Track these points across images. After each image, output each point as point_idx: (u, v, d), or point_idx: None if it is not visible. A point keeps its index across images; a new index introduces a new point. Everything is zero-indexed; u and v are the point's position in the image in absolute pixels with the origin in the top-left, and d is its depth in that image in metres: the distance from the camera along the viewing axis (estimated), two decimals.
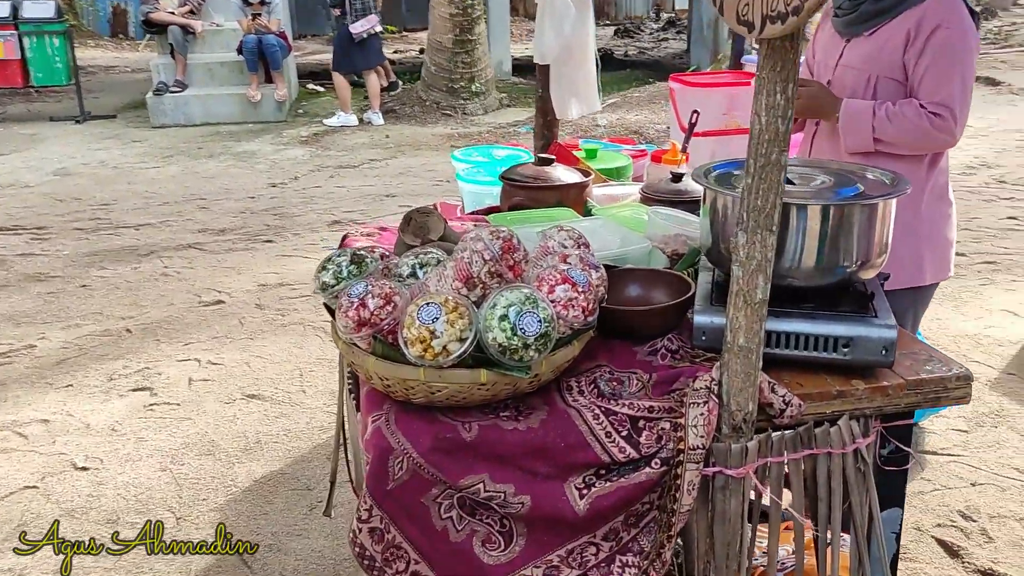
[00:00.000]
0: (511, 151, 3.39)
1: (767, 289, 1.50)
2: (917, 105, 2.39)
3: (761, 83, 1.41)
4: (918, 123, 2.38)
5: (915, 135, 2.40)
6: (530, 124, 9.79)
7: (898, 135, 2.41)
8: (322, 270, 1.66)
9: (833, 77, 2.61)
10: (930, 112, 2.38)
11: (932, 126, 2.37)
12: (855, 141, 2.49)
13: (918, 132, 2.39)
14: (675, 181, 2.58)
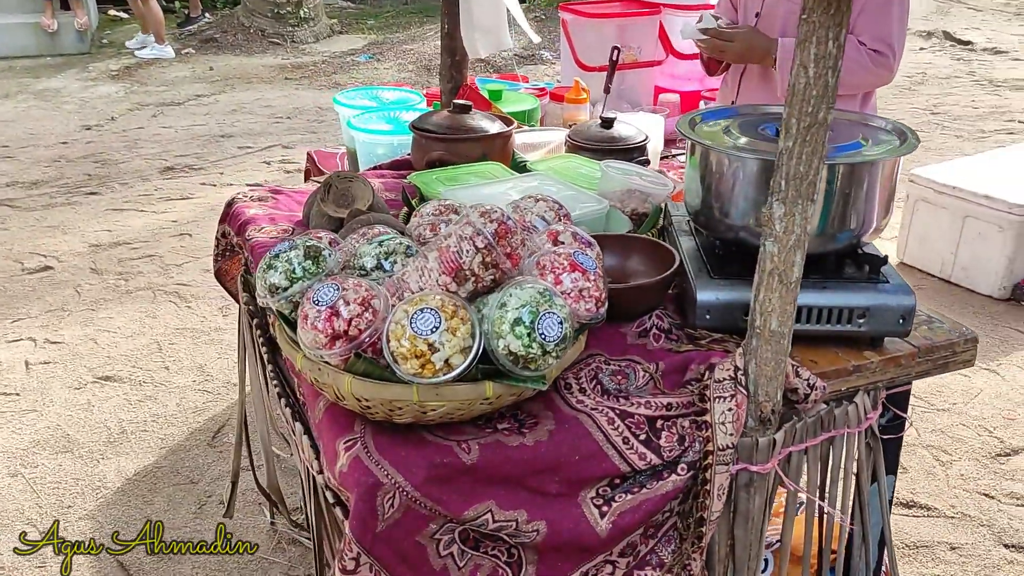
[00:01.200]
0: (401, 93, 3.05)
1: (802, 266, 1.32)
2: (856, 42, 2.27)
3: (810, 29, 1.20)
4: (858, 60, 2.27)
5: (855, 73, 2.28)
6: (369, 53, 9.26)
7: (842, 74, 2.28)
8: (268, 269, 1.32)
9: (762, 10, 2.46)
10: (870, 49, 2.27)
11: (872, 63, 2.27)
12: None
13: (858, 70, 2.28)
14: (605, 126, 2.36)
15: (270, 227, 2.12)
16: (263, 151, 6.33)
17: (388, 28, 10.38)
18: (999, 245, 3.89)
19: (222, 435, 3.19)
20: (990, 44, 9.15)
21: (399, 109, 2.82)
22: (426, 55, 8.92)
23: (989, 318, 3.83)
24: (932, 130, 6.45)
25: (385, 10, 11.47)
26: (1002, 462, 2.93)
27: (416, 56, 8.95)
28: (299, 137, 6.61)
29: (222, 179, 5.80)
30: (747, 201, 1.53)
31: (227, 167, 6.03)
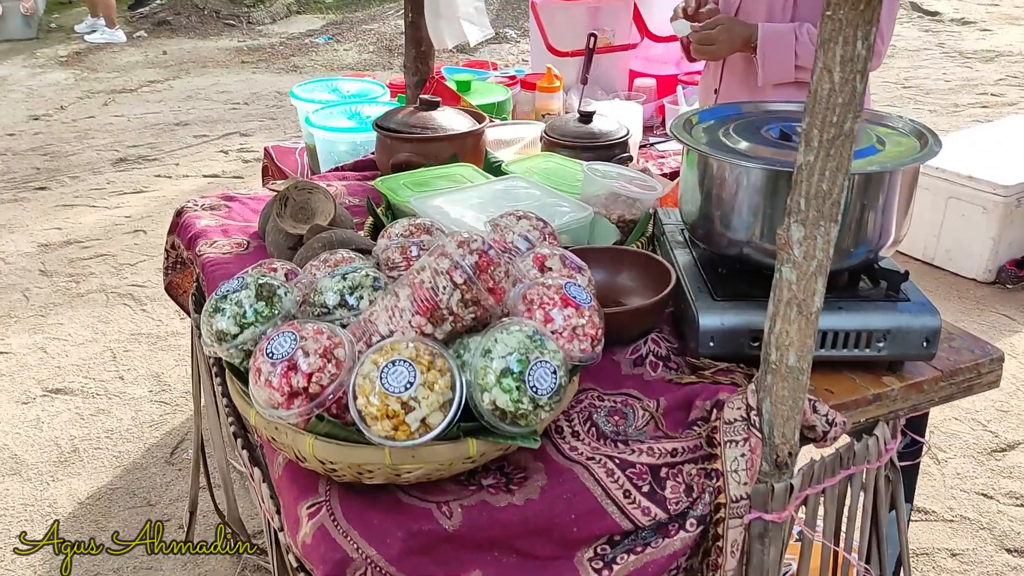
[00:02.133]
0: (362, 83, 2.85)
1: (823, 295, 1.17)
2: None
3: (836, 27, 1.04)
4: None
5: None
6: (328, 34, 8.97)
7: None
8: (215, 312, 1.14)
9: None
10: None
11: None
12: (775, 70, 2.20)
13: None
14: (583, 121, 2.20)
15: (223, 240, 1.94)
16: (220, 139, 6.08)
17: (347, 8, 10.07)
18: (983, 227, 3.78)
19: (181, 451, 3.00)
20: (957, 14, 9.08)
21: (361, 102, 2.63)
22: (387, 35, 8.66)
23: (974, 303, 3.73)
24: (905, 105, 6.36)
25: None
26: (998, 458, 2.83)
27: (377, 36, 8.68)
28: (258, 124, 6.36)
29: (178, 170, 5.55)
30: (752, 214, 1.38)
31: (183, 157, 5.77)
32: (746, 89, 2.30)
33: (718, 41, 2.21)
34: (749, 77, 2.31)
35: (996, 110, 6.07)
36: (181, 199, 5.27)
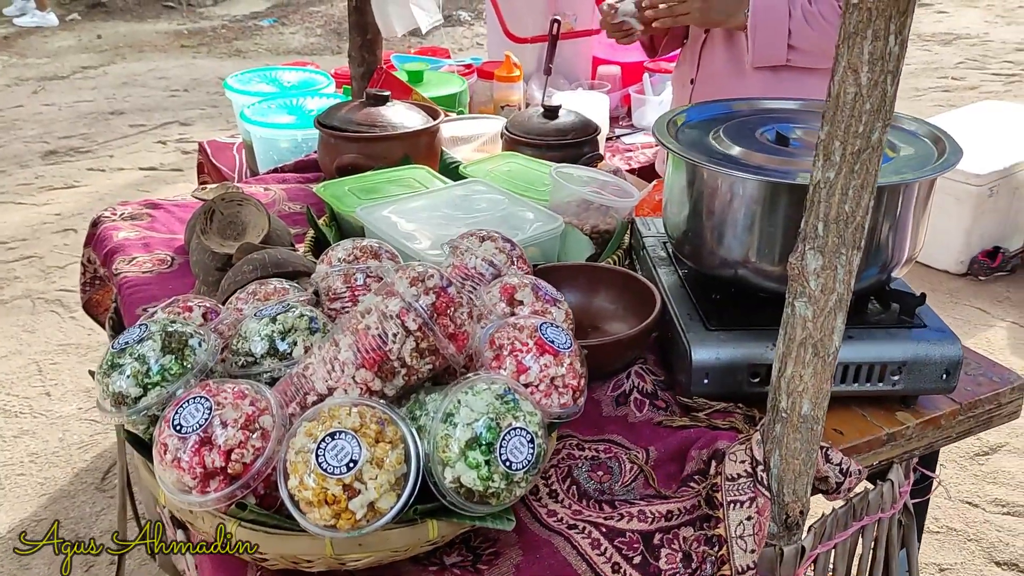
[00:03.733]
0: (304, 73, 2.62)
1: (843, 333, 0.99)
2: (835, 4, 1.92)
3: (862, 19, 0.86)
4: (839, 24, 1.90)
5: (835, 39, 1.92)
6: (273, 16, 8.62)
7: (818, 42, 1.94)
8: (112, 370, 0.93)
9: None
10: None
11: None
12: (765, 51, 1.97)
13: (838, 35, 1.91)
14: (548, 116, 2.00)
15: (143, 257, 1.71)
16: (158, 129, 5.76)
17: None
18: (956, 218, 3.68)
19: (113, 475, 2.76)
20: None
21: (302, 95, 2.40)
22: (336, 18, 8.35)
23: (947, 295, 3.63)
24: None
25: None
26: (981, 462, 2.71)
27: (325, 19, 8.37)
28: (198, 112, 6.05)
29: (112, 163, 5.23)
30: (748, 231, 1.20)
31: (118, 149, 5.45)
32: (728, 79, 2.09)
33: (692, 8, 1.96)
34: (730, 65, 2.10)
35: (958, 94, 6.00)
36: (116, 194, 4.99)
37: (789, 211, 1.16)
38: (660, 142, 1.26)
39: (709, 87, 2.12)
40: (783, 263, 1.21)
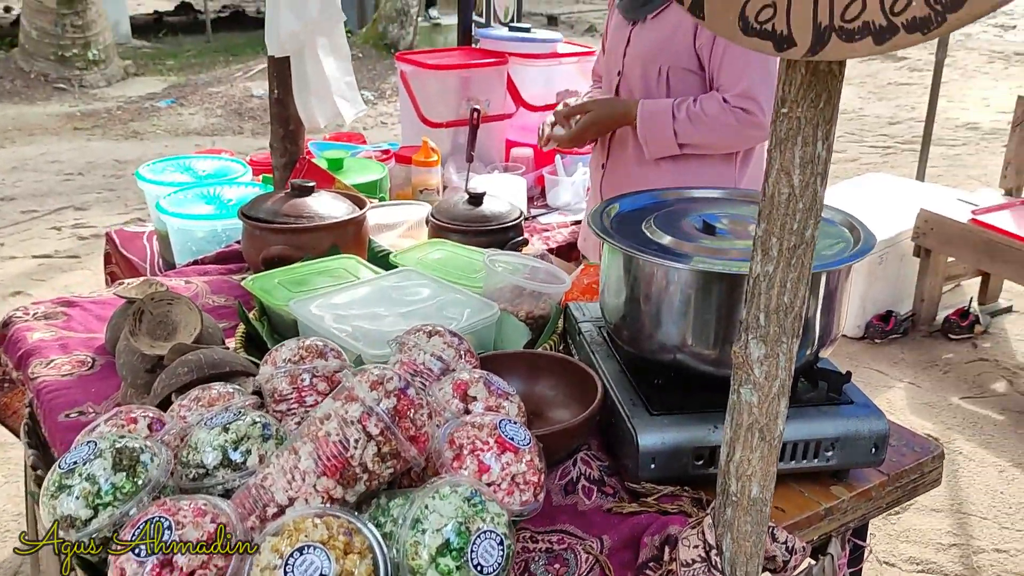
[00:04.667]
0: (218, 161, 2.59)
1: (786, 416, 1.04)
2: (720, 100, 2.05)
3: (793, 127, 0.92)
4: (724, 120, 2.04)
5: (722, 134, 2.06)
6: (172, 97, 8.51)
7: (704, 136, 2.07)
8: (59, 491, 0.89)
9: (623, 68, 2.21)
10: (734, 107, 2.04)
11: (739, 122, 2.04)
12: (658, 148, 2.12)
13: (725, 130, 2.05)
14: (473, 203, 2.04)
15: (62, 359, 1.65)
16: (52, 215, 5.57)
17: (190, 69, 9.65)
18: (852, 285, 3.87)
19: None
20: None
21: (220, 183, 2.38)
22: (235, 98, 8.31)
23: (847, 358, 3.80)
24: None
25: (185, 49, 10.72)
26: (893, 521, 2.82)
27: (225, 99, 8.31)
28: (95, 196, 5.88)
29: (3, 251, 5.01)
30: (684, 318, 1.25)
31: (9, 236, 5.23)
32: (634, 165, 2.21)
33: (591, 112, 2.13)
34: (636, 152, 2.21)
35: (841, 166, 6.36)
36: (9, 284, 4.77)
37: (722, 298, 1.22)
38: (597, 234, 1.31)
39: (619, 170, 2.25)
40: (718, 347, 1.26)
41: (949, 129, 7.11)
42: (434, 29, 10.72)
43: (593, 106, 2.16)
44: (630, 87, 2.20)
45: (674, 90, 2.13)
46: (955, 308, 3.94)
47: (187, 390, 1.26)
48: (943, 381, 3.58)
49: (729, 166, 2.20)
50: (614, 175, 2.28)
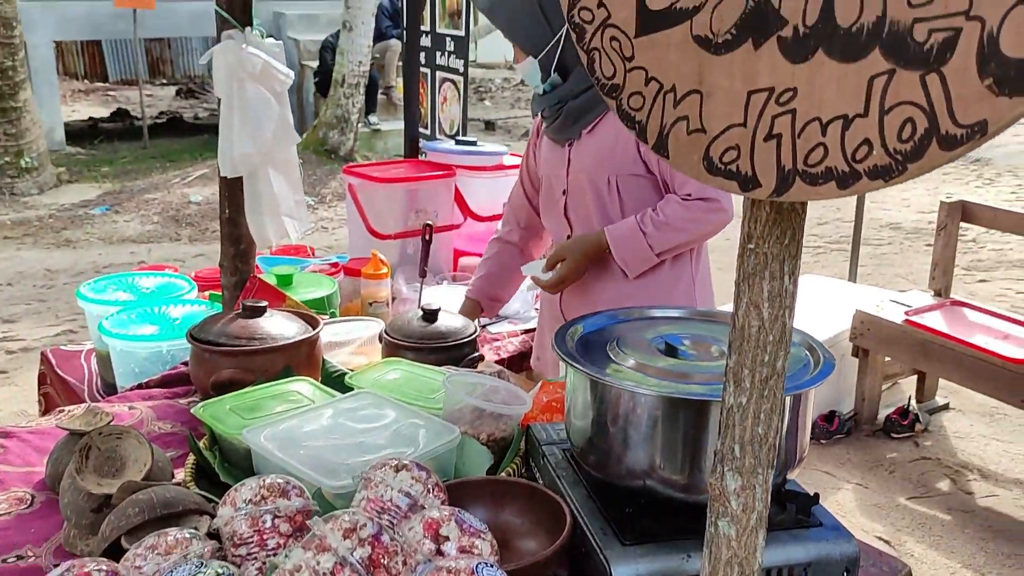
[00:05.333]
0: (162, 277, 2.55)
1: (764, 548, 1.03)
2: (678, 200, 2.10)
3: (760, 262, 0.95)
4: (689, 217, 2.08)
5: (692, 230, 2.10)
6: (106, 204, 8.39)
7: (677, 238, 2.11)
8: None
9: (568, 187, 2.25)
10: (695, 200, 2.09)
11: (703, 213, 2.08)
12: (638, 265, 2.15)
13: (693, 226, 2.10)
14: (428, 319, 2.03)
15: None
16: None
17: (126, 175, 9.57)
18: None
19: None
20: None
21: (164, 302, 2.33)
22: (172, 204, 8.24)
23: None
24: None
25: (121, 156, 10.65)
26: None
27: (161, 205, 8.24)
28: (24, 308, 5.70)
29: None
30: (651, 443, 1.24)
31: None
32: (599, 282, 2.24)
33: (567, 260, 2.17)
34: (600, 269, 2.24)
35: None
36: None
37: (690, 423, 1.22)
38: (564, 359, 1.31)
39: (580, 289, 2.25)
40: (687, 473, 1.26)
41: (874, 229, 7.41)
42: (374, 135, 10.90)
43: (565, 252, 2.19)
44: (579, 204, 2.23)
45: (625, 197, 2.17)
46: (895, 407, 4.03)
47: (138, 532, 1.20)
48: (889, 481, 3.62)
49: (684, 257, 2.23)
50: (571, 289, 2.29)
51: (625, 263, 2.13)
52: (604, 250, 2.13)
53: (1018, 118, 0.71)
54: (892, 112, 0.77)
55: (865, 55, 0.79)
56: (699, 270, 2.28)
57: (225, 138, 1.92)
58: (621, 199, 2.18)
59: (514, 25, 2.18)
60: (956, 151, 0.74)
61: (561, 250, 2.20)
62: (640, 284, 2.18)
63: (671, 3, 0.97)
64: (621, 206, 2.18)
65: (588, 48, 1.09)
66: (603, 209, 2.20)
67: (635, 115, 1.03)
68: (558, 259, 2.19)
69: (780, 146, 0.87)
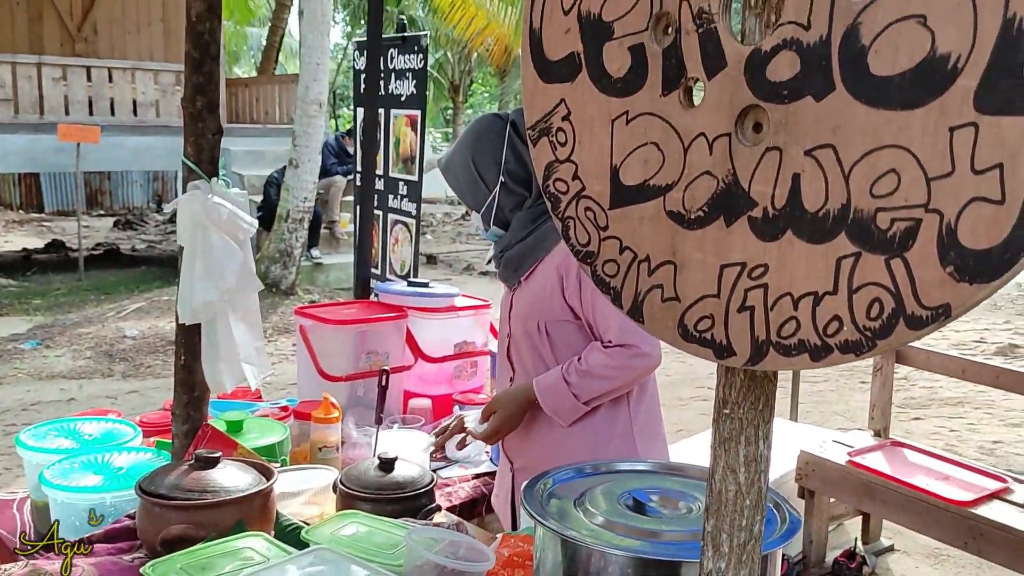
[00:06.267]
0: (106, 423, 2.47)
1: None
2: (599, 348, 2.15)
3: (737, 427, 0.98)
4: (611, 364, 2.11)
5: (614, 378, 2.13)
6: (37, 338, 8.16)
7: (601, 386, 2.14)
8: None
9: (511, 330, 2.32)
10: (615, 346, 2.13)
11: (626, 359, 2.11)
12: (568, 415, 2.18)
13: (616, 373, 2.12)
14: (384, 469, 2.00)
15: None
16: None
17: (59, 308, 9.37)
18: None
19: None
20: None
21: (108, 450, 2.25)
22: (107, 338, 8.06)
23: None
24: None
25: (54, 288, 10.46)
26: None
27: (95, 340, 8.05)
28: None
29: None
30: None
31: None
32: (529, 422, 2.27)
33: (503, 423, 2.23)
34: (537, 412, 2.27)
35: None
36: None
37: None
38: (532, 516, 1.30)
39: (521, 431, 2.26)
40: None
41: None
42: (316, 268, 10.95)
43: (497, 404, 2.26)
44: (519, 347, 2.30)
45: (557, 342, 2.22)
46: (842, 549, 4.03)
47: None
48: None
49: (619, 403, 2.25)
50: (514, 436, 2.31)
51: (555, 413, 2.16)
52: (533, 400, 2.18)
53: (981, 300, 0.77)
54: (860, 291, 0.82)
55: (832, 238, 0.84)
56: (639, 413, 2.29)
57: (186, 285, 1.92)
58: (553, 344, 2.24)
59: (459, 184, 2.34)
60: (923, 331, 0.79)
61: (493, 402, 2.27)
62: (577, 428, 2.20)
63: (644, 179, 1.02)
64: (553, 351, 2.23)
65: (563, 216, 1.14)
66: (538, 354, 2.25)
67: (610, 281, 1.07)
68: (491, 411, 2.25)
69: (753, 318, 0.91)
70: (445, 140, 26.59)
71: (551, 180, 1.16)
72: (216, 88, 1.97)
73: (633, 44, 1.03)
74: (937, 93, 0.76)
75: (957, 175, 0.75)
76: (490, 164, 2.27)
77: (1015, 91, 0.72)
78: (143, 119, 12.93)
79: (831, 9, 0.84)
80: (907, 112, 0.78)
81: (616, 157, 1.06)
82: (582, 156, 1.10)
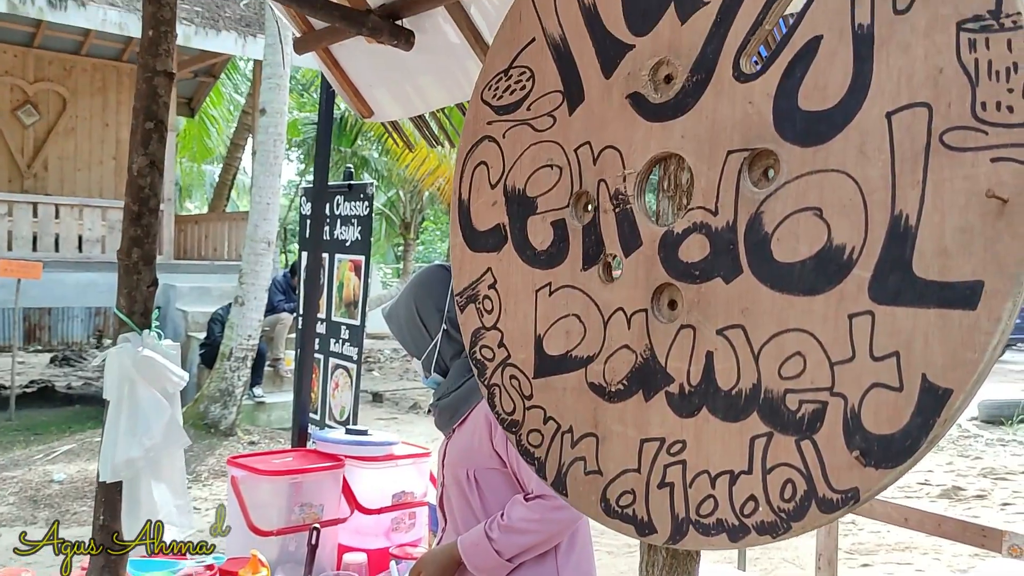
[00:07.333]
0: None
1: None
2: (520, 500, 2.11)
3: None
4: (533, 518, 2.07)
5: (538, 530, 2.07)
6: None
7: (523, 541, 2.09)
8: None
9: (444, 479, 2.28)
10: (535, 498, 2.09)
11: (548, 512, 2.06)
12: (492, 573, 2.12)
13: (540, 526, 2.07)
14: None
15: None
16: None
17: None
18: None
19: None
20: None
21: None
22: (32, 483, 7.68)
23: None
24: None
25: None
26: None
27: (20, 484, 7.67)
28: None
29: None
30: None
31: None
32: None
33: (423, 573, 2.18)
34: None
35: None
36: None
37: None
38: None
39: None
40: None
41: None
42: (258, 407, 10.70)
43: (423, 565, 2.20)
44: (449, 496, 2.25)
45: (486, 491, 2.18)
46: None
47: None
48: None
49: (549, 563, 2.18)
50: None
51: (478, 571, 2.10)
52: (458, 560, 2.12)
53: (888, 485, 0.78)
54: (774, 472, 0.83)
55: (745, 417, 0.86)
56: (567, 567, 2.22)
57: (109, 442, 1.85)
58: (482, 493, 2.20)
59: (402, 332, 2.36)
60: (835, 514, 0.79)
61: (419, 563, 2.23)
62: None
63: (567, 350, 1.04)
64: (482, 501, 2.19)
65: (488, 384, 1.14)
66: (467, 503, 2.20)
67: (534, 452, 1.07)
68: (417, 572, 2.19)
69: (673, 495, 0.91)
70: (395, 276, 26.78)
71: (477, 347, 1.17)
72: (153, 241, 1.97)
73: (555, 219, 1.07)
74: (835, 281, 0.80)
75: (858, 361, 0.78)
76: (433, 312, 2.29)
77: (904, 283, 0.75)
78: (88, 255, 12.84)
79: (736, 197, 0.88)
80: (809, 298, 0.82)
81: (540, 327, 1.08)
82: (508, 324, 1.12)
